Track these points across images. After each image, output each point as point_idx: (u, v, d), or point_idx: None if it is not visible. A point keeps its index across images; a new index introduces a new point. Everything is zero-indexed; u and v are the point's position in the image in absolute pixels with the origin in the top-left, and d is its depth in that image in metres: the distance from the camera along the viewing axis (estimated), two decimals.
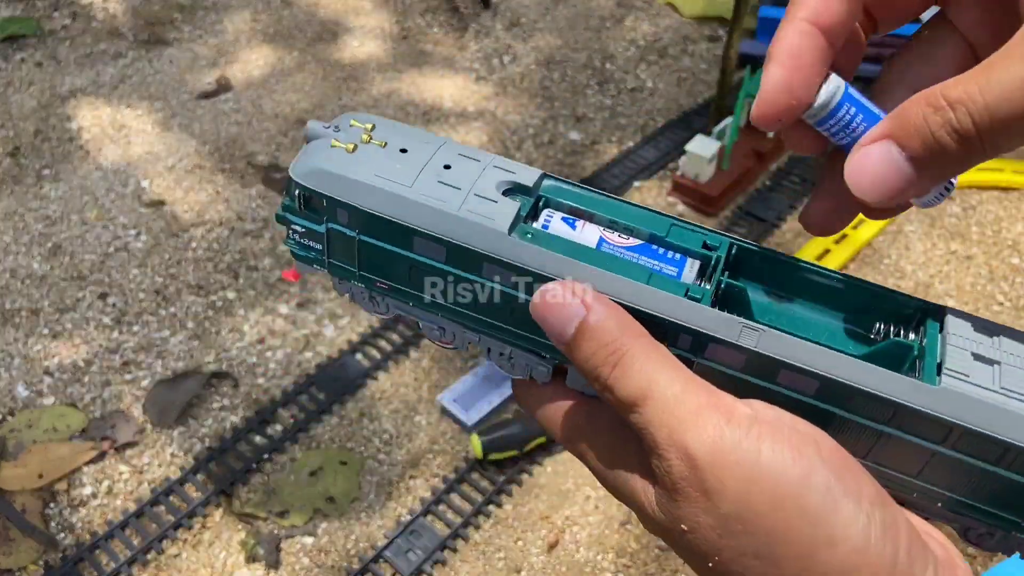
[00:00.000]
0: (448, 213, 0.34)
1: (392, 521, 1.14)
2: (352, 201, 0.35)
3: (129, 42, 1.98)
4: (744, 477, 0.28)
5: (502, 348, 0.38)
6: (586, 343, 0.31)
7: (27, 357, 1.32)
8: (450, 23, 2.07)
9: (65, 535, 1.12)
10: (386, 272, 0.37)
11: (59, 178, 1.63)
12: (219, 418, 1.25)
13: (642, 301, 0.33)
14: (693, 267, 0.35)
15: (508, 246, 0.34)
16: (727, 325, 0.32)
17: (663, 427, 0.29)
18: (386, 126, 0.37)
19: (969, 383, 0.31)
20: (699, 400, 0.30)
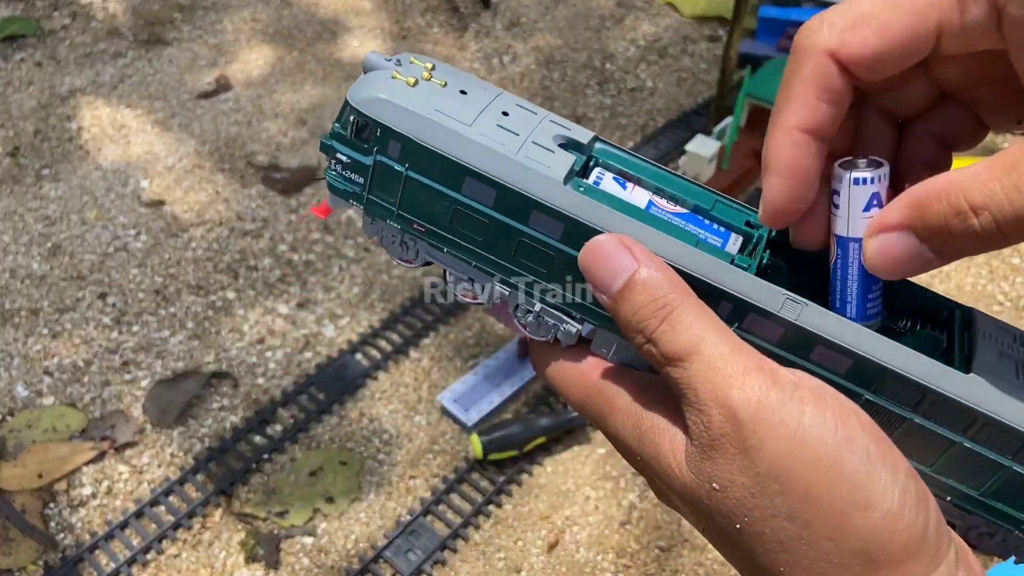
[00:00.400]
0: (505, 156, 0.34)
1: (392, 521, 1.14)
2: (409, 132, 0.34)
3: (129, 42, 1.97)
4: (786, 437, 0.28)
5: (531, 305, 0.37)
6: (636, 295, 0.31)
7: (27, 357, 1.32)
8: (450, 23, 2.07)
9: (65, 535, 1.12)
10: (427, 213, 0.36)
11: (59, 178, 1.63)
12: (219, 418, 1.25)
13: (689, 263, 0.32)
14: (736, 242, 0.35)
15: (562, 195, 0.33)
16: (771, 295, 0.32)
17: (707, 383, 0.29)
18: (446, 69, 0.37)
19: (996, 376, 0.31)
20: (746, 362, 0.30)
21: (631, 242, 0.32)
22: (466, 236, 0.36)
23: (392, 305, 1.41)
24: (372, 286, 1.44)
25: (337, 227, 1.54)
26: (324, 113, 1.78)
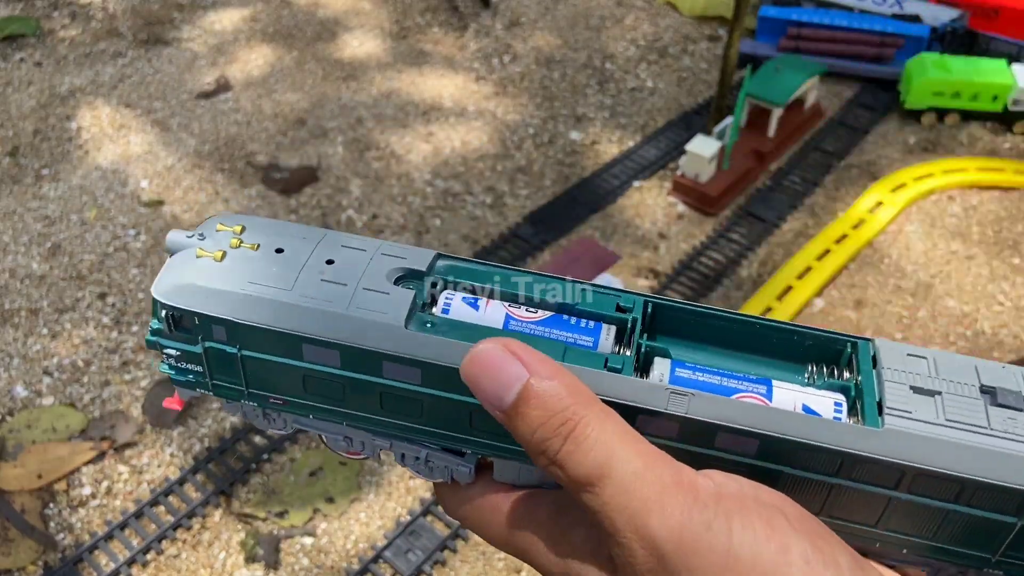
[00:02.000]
0: (336, 313, 0.31)
1: (392, 521, 1.14)
2: (227, 315, 0.31)
3: (128, 42, 1.97)
4: (718, 564, 0.25)
5: (417, 452, 0.34)
6: (531, 411, 0.27)
7: (26, 357, 1.32)
8: (450, 23, 2.07)
9: (64, 535, 1.12)
10: (277, 386, 0.33)
11: (58, 178, 1.63)
12: (218, 418, 1.25)
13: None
14: (610, 333, 0.32)
15: (407, 340, 0.31)
16: (653, 394, 0.29)
17: (624, 511, 0.26)
18: (258, 226, 0.34)
19: (913, 419, 0.29)
20: (662, 478, 0.26)
21: (518, 346, 0.28)
22: (326, 399, 0.33)
23: None
24: None
25: (337, 227, 1.54)
26: (324, 113, 1.78)
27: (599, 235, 1.54)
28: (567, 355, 0.31)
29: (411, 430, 0.34)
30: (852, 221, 1.55)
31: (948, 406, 0.29)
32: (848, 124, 1.80)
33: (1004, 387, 0.30)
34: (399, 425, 0.33)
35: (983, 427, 0.29)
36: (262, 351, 0.32)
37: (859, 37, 1.87)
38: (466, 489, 0.34)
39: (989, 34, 1.90)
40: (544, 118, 1.79)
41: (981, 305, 1.43)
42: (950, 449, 0.28)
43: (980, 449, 0.28)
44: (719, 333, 0.33)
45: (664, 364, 0.31)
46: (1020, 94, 1.74)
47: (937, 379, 0.30)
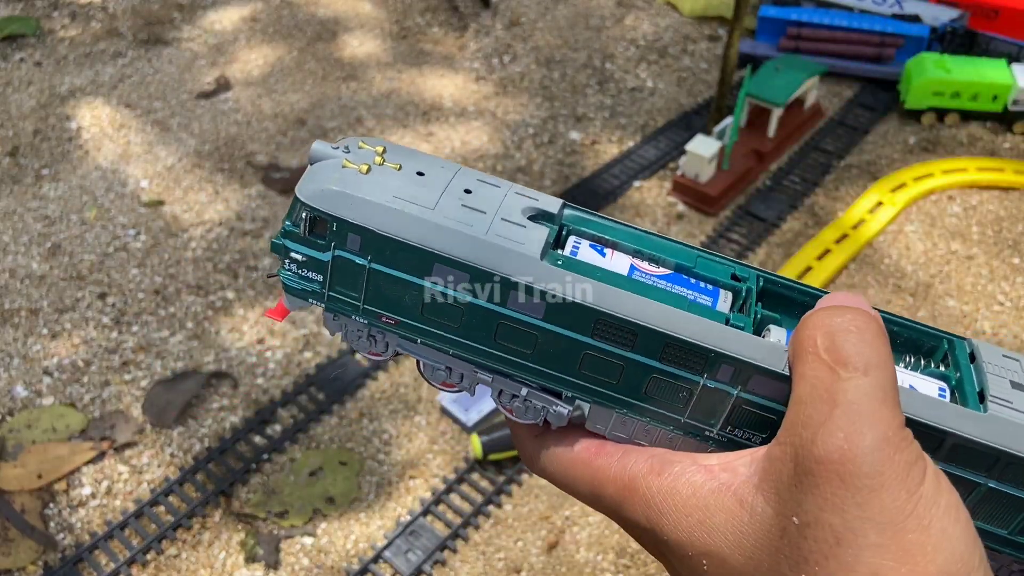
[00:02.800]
0: (475, 237, 0.32)
1: (392, 521, 1.14)
2: (368, 224, 0.32)
3: (128, 42, 1.97)
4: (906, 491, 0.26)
5: (516, 389, 0.35)
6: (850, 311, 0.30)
7: (26, 357, 1.32)
8: (450, 23, 2.07)
9: (64, 535, 1.12)
10: (396, 305, 0.34)
11: (58, 178, 1.63)
12: (218, 418, 1.25)
13: (685, 329, 0.31)
14: (727, 298, 0.33)
15: (541, 272, 0.31)
16: (773, 353, 0.30)
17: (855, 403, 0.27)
18: (398, 150, 0.35)
19: (1015, 409, 0.30)
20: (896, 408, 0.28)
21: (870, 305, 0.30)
22: (440, 324, 0.34)
23: None
24: None
25: None
26: (324, 113, 1.78)
27: None
28: (692, 308, 0.31)
29: (518, 366, 0.34)
30: (852, 221, 1.55)
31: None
32: (848, 124, 1.80)
33: None
34: (508, 359, 0.34)
35: None
36: (391, 266, 0.33)
37: (859, 37, 1.87)
38: (554, 440, 0.34)
39: (989, 34, 1.90)
40: (544, 118, 1.79)
41: (981, 305, 1.43)
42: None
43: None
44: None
45: (780, 331, 0.32)
46: (1020, 94, 1.74)
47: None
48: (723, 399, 0.31)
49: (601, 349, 0.32)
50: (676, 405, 0.32)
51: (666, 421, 0.33)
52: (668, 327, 0.31)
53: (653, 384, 0.32)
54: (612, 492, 0.31)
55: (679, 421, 0.33)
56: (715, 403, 0.32)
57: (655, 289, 0.33)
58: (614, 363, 0.32)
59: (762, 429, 0.31)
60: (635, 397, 0.33)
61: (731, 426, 0.32)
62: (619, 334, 0.32)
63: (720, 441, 0.32)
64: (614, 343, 0.32)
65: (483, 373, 0.35)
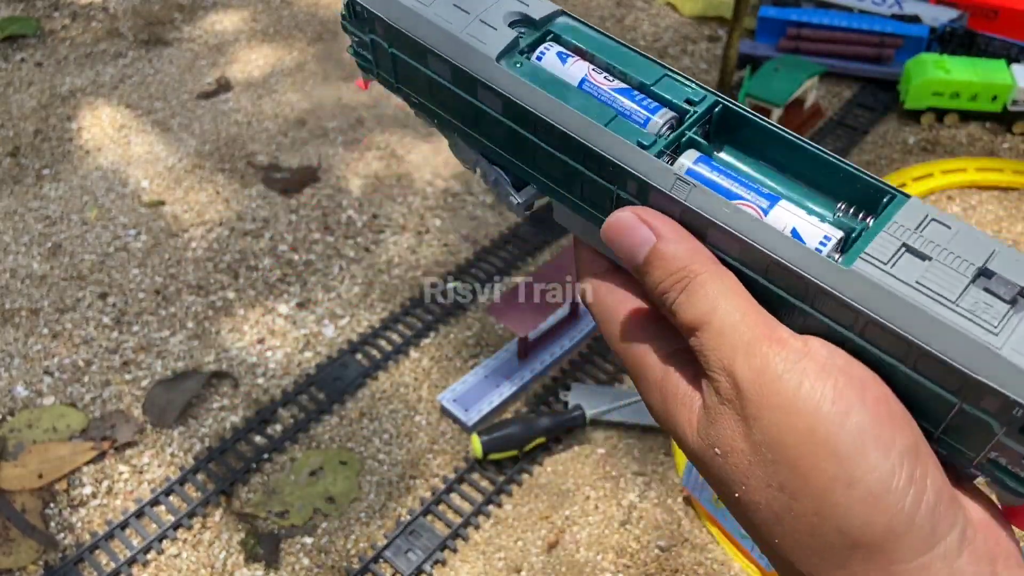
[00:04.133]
0: (450, 34, 0.36)
1: (392, 521, 1.14)
2: (383, 14, 0.37)
3: (129, 42, 1.98)
4: (780, 407, 0.29)
5: (490, 173, 0.39)
6: (656, 269, 0.32)
7: (27, 357, 1.32)
8: None
9: (65, 535, 1.12)
10: (413, 86, 0.39)
11: (59, 178, 1.63)
12: (219, 418, 1.25)
13: (595, 140, 0.33)
14: (664, 116, 0.35)
15: (492, 71, 0.35)
16: (662, 175, 0.32)
17: (716, 351, 0.30)
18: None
19: (883, 271, 0.29)
20: (754, 331, 0.30)
21: (650, 214, 0.32)
22: (441, 105, 0.39)
23: (392, 305, 1.41)
24: (372, 286, 1.44)
25: (337, 227, 1.54)
26: (324, 113, 1.78)
27: None
28: (612, 122, 0.34)
29: (493, 152, 0.38)
30: None
31: (929, 272, 0.29)
32: (847, 124, 1.80)
33: (1004, 275, 0.29)
34: (488, 146, 0.38)
35: (949, 300, 0.28)
36: (404, 53, 0.38)
37: (858, 37, 1.88)
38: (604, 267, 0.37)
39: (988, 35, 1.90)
40: None
41: None
42: (899, 306, 0.28)
43: (929, 316, 0.28)
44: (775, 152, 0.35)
45: (691, 156, 0.34)
46: (1019, 94, 1.74)
47: (940, 248, 0.30)
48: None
49: (544, 148, 0.35)
50: (604, 208, 0.35)
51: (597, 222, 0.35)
52: (577, 134, 0.34)
53: (585, 185, 0.35)
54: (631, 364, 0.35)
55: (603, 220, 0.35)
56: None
57: (591, 101, 0.35)
58: (556, 160, 0.36)
59: None
60: (575, 195, 0.36)
61: None
62: (553, 136, 0.35)
63: None
64: (553, 144, 0.35)
65: (473, 152, 0.40)
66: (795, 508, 0.29)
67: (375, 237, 1.52)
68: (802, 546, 0.29)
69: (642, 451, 1.22)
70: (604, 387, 1.28)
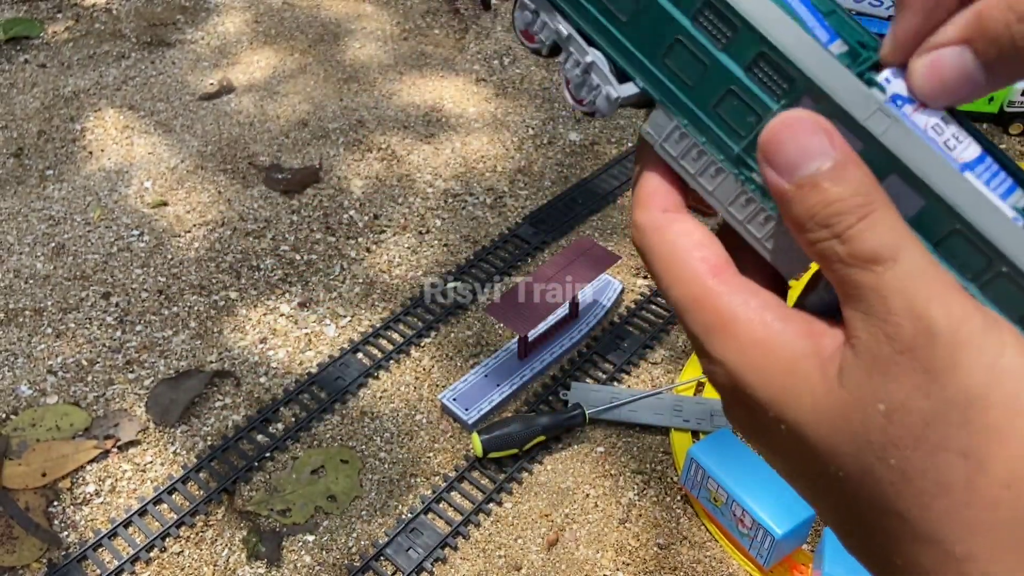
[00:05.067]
0: None
1: (393, 519, 1.15)
2: None
3: (132, 44, 1.99)
4: (984, 365, 0.25)
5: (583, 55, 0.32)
6: (834, 186, 0.26)
7: (30, 356, 1.33)
8: (451, 24, 2.08)
9: (68, 533, 1.13)
10: None
11: (62, 179, 1.64)
12: (221, 417, 1.26)
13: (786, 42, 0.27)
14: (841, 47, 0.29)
15: None
16: (861, 100, 0.26)
17: (903, 292, 0.25)
18: None
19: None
20: (947, 279, 0.26)
21: (832, 129, 0.27)
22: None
23: (393, 305, 1.42)
24: (373, 286, 1.45)
25: (339, 227, 1.55)
26: (325, 115, 1.79)
27: (599, 235, 1.54)
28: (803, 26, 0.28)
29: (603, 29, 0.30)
30: None
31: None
32: None
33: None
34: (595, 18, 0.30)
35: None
36: None
37: None
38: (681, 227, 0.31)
39: None
40: (544, 119, 1.80)
41: None
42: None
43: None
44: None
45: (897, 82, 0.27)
46: (1016, 96, 1.75)
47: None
48: None
49: (693, 38, 0.28)
50: (738, 132, 0.29)
51: (721, 148, 0.29)
52: (773, 32, 0.27)
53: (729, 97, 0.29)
54: (710, 321, 0.29)
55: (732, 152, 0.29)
56: None
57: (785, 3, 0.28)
58: (699, 61, 0.29)
59: None
60: (703, 109, 0.29)
61: None
62: (718, 26, 0.28)
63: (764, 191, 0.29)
64: (709, 35, 0.28)
65: (564, 25, 0.31)
66: (978, 479, 0.24)
67: (376, 237, 1.53)
68: (972, 524, 0.25)
69: (641, 450, 1.23)
70: (604, 386, 1.29)
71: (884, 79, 0.28)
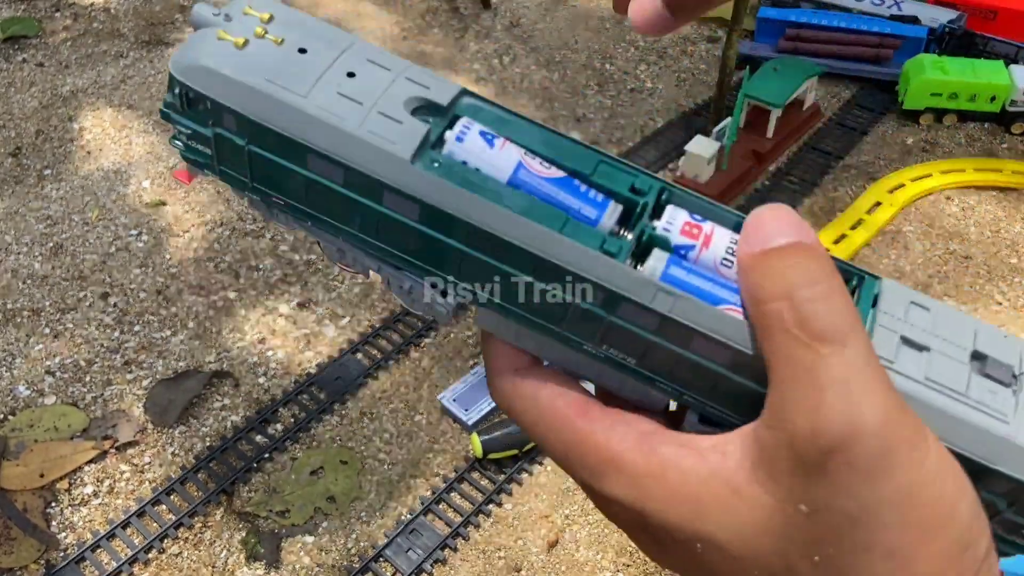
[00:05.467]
0: (345, 133, 0.30)
1: (392, 520, 1.15)
2: (238, 107, 0.30)
3: (130, 43, 1.98)
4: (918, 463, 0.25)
5: (402, 281, 0.33)
6: (801, 258, 0.27)
7: (28, 357, 1.33)
8: (450, 24, 2.07)
9: (66, 534, 1.12)
10: (280, 186, 0.32)
11: (60, 178, 1.64)
12: (220, 417, 1.26)
13: (554, 253, 0.29)
14: (615, 211, 0.31)
15: (410, 176, 0.30)
16: (641, 286, 0.29)
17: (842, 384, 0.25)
18: (286, 17, 0.32)
19: (893, 370, 0.28)
20: (882, 376, 0.25)
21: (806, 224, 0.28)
22: (325, 211, 0.32)
23: (392, 305, 1.41)
24: (372, 286, 1.44)
25: None
26: None
27: None
28: (566, 227, 0.30)
29: (402, 260, 0.32)
30: (850, 221, 1.56)
31: (933, 364, 0.28)
32: (846, 125, 1.81)
33: (996, 358, 0.28)
34: (391, 253, 0.32)
35: (960, 393, 0.28)
36: (269, 151, 0.31)
37: (857, 38, 1.88)
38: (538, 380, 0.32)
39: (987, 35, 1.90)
40: (544, 118, 1.80)
41: (980, 305, 1.44)
42: (919, 408, 0.27)
43: (952, 417, 0.27)
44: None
45: (661, 258, 0.30)
46: (1017, 95, 1.75)
47: (931, 334, 0.29)
48: (596, 321, 0.30)
49: (476, 257, 0.30)
50: (553, 319, 0.31)
51: (544, 331, 0.31)
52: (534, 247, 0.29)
53: (530, 296, 0.31)
54: (593, 463, 0.29)
55: (556, 333, 0.31)
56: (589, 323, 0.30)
57: (534, 201, 0.30)
58: (493, 270, 0.31)
59: (633, 352, 0.30)
60: (513, 305, 0.31)
61: (607, 345, 0.30)
62: (491, 246, 0.30)
63: (598, 357, 0.31)
64: (488, 254, 0.30)
65: (371, 261, 0.33)
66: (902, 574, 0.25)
67: None
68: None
69: None
70: None
71: (667, 222, 0.30)
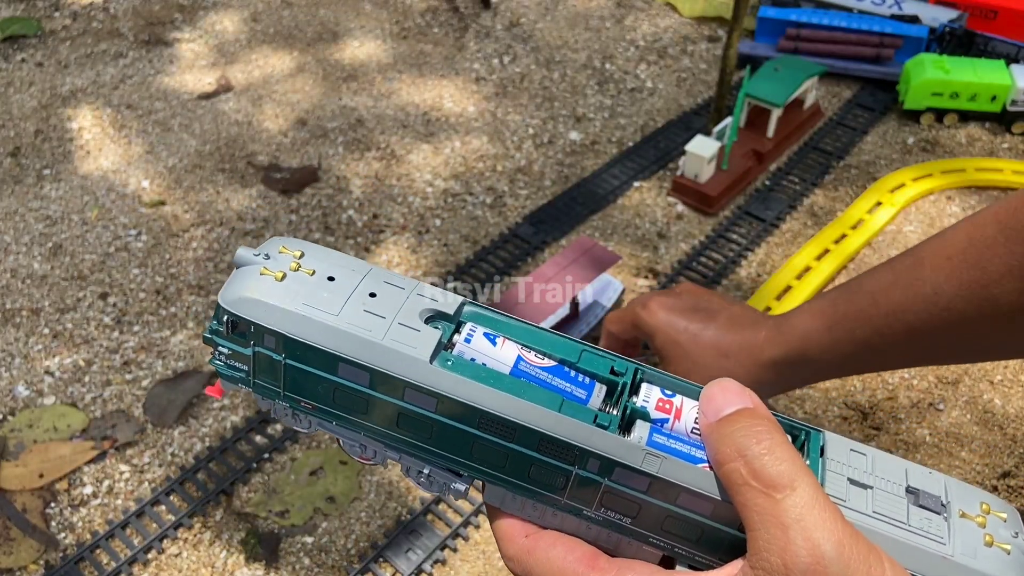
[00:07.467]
0: (373, 342, 0.36)
1: (392, 520, 1.15)
2: (280, 329, 0.37)
3: (129, 42, 1.98)
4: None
5: (421, 467, 0.40)
6: (746, 419, 0.34)
7: (27, 357, 1.33)
8: (450, 23, 2.07)
9: (66, 534, 1.12)
10: (311, 393, 0.39)
11: (60, 178, 1.63)
12: (219, 418, 1.26)
13: (556, 429, 0.36)
14: (601, 391, 0.38)
15: (429, 374, 0.36)
16: (632, 452, 0.35)
17: (800, 520, 0.31)
18: (315, 253, 0.40)
19: (846, 507, 0.34)
20: (833, 509, 0.32)
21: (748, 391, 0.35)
22: (350, 410, 0.39)
23: None
24: None
25: (338, 227, 1.54)
26: (324, 114, 1.79)
27: (599, 235, 1.54)
28: (563, 407, 0.36)
29: (420, 448, 0.39)
30: (851, 221, 1.56)
31: (877, 500, 0.35)
32: (847, 124, 1.80)
33: (926, 490, 0.35)
34: (410, 443, 0.39)
35: (903, 522, 0.34)
36: (303, 363, 0.38)
37: (858, 38, 1.88)
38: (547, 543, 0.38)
39: (987, 35, 1.90)
40: (544, 118, 1.80)
41: None
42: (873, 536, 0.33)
43: (900, 543, 0.34)
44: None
45: (644, 427, 0.37)
46: (1018, 95, 1.74)
47: (871, 475, 0.36)
48: (594, 486, 0.36)
49: (487, 439, 0.37)
50: (556, 488, 0.37)
51: (549, 501, 0.38)
52: (539, 427, 0.36)
53: (535, 469, 0.37)
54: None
55: (559, 502, 0.38)
56: (588, 489, 0.37)
57: (533, 386, 0.37)
58: (502, 450, 0.37)
59: (628, 512, 0.37)
60: (521, 479, 0.38)
61: (604, 507, 0.37)
62: (500, 428, 0.36)
63: (596, 520, 0.38)
64: (498, 435, 0.37)
65: (391, 452, 0.40)
66: None
67: (375, 237, 1.53)
68: None
69: None
70: None
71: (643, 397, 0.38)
